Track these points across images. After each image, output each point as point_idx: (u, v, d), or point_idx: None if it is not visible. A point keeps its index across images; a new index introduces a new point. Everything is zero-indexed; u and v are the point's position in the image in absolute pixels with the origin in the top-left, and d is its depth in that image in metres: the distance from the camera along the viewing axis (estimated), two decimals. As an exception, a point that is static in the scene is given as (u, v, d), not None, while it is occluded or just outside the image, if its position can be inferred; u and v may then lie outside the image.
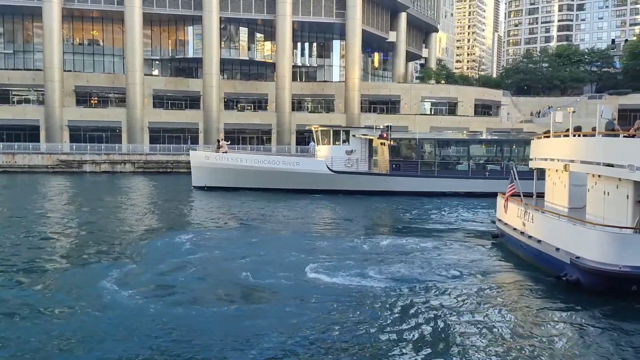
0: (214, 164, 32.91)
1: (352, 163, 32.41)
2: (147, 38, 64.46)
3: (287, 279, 12.62)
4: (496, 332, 9.71)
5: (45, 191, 34.55)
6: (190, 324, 9.66)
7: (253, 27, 66.87)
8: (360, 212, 25.78)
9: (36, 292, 11.58)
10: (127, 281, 12.24)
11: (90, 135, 57.70)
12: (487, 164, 34.16)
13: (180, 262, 14.13)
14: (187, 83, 63.98)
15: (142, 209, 26.36)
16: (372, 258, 15.10)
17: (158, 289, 11.93)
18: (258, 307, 10.77)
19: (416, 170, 32.37)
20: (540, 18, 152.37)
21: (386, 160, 32.73)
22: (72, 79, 60.77)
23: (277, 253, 15.51)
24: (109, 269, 13.15)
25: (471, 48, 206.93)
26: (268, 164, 32.72)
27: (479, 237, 19.26)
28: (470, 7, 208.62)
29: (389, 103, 69.18)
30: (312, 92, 68.64)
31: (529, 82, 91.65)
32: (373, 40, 73.74)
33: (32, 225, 20.32)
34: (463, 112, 69.74)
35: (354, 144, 32.98)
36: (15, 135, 56.51)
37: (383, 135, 32.77)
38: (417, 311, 10.65)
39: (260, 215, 23.76)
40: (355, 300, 11.23)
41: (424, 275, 13.33)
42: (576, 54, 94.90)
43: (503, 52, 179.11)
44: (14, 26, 63.40)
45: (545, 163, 16.87)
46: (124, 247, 16.35)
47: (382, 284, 12.41)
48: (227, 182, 32.52)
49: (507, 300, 11.85)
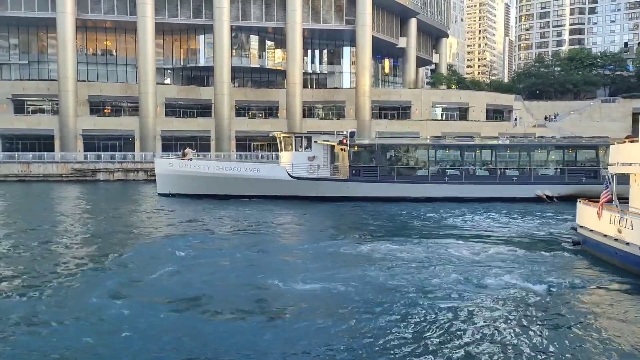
0: (177, 171, 33.16)
1: (314, 169, 32.38)
2: (159, 47, 65.19)
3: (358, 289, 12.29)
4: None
5: (57, 199, 34.98)
6: (185, 331, 9.65)
7: (264, 35, 67.32)
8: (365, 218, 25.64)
9: (34, 301, 11.48)
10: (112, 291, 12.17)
11: (103, 144, 58.38)
12: (447, 169, 34.13)
13: (165, 271, 13.99)
14: (198, 91, 64.52)
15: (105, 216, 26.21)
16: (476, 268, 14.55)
17: (148, 295, 11.92)
18: (272, 319, 10.62)
19: (376, 175, 32.37)
20: (551, 22, 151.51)
21: (346, 166, 32.82)
22: (85, 88, 61.57)
23: (286, 259, 15.54)
24: (91, 282, 13.04)
25: (482, 53, 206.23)
26: (230, 171, 32.86)
27: (552, 244, 18.69)
28: (481, 11, 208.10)
29: (400, 109, 69.09)
30: (322, 99, 68.84)
31: (541, 87, 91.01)
32: (383, 46, 73.84)
33: (39, 233, 20.34)
34: (474, 117, 69.42)
35: (316, 150, 32.89)
36: (31, 145, 57.33)
37: (343, 141, 32.88)
38: (538, 325, 10.24)
39: (225, 223, 23.60)
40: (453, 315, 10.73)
41: (521, 284, 12.76)
42: (589, 57, 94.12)
43: (514, 57, 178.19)
44: (28, 37, 64.48)
45: (630, 168, 16.32)
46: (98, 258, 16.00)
47: (490, 294, 12.04)
48: (191, 189, 32.75)
49: (618, 310, 11.31)
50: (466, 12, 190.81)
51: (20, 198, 36.79)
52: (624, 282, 13.41)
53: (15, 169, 52.06)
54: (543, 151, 36.03)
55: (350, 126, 63.98)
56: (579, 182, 31.88)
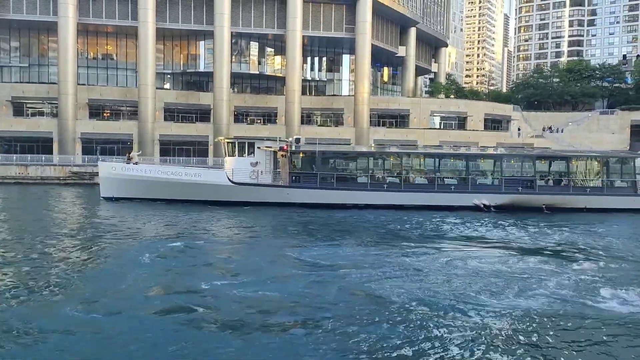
0: (120, 175, 33.02)
1: (256, 175, 32.39)
2: (160, 52, 65.46)
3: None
4: None
5: (53, 202, 34.95)
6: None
7: (263, 42, 67.67)
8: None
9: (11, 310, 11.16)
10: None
11: (102, 148, 58.42)
12: (388, 176, 34.27)
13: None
14: (197, 96, 64.74)
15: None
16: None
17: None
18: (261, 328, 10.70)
19: (315, 182, 32.44)
20: (550, 33, 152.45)
21: (286, 172, 32.98)
22: (85, 92, 61.76)
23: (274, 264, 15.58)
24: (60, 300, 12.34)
25: (481, 63, 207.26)
26: (171, 175, 32.66)
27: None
28: (480, 22, 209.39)
29: (398, 117, 69.34)
30: (321, 106, 69.09)
31: (539, 97, 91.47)
32: (382, 54, 74.23)
33: (28, 237, 20.07)
34: (473, 126, 69.70)
35: (259, 156, 32.92)
36: (29, 147, 57.45)
37: (283, 147, 33.09)
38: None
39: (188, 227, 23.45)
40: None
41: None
42: (587, 69, 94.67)
43: (513, 67, 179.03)
44: (29, 40, 64.70)
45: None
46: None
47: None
48: (134, 193, 32.62)
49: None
50: (465, 22, 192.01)
51: (17, 201, 36.78)
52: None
53: (13, 171, 52.06)
54: (483, 161, 36.51)
55: (348, 134, 64.42)
56: (516, 192, 32.25)
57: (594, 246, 19.97)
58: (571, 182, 33.26)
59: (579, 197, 32.29)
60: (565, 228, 24.76)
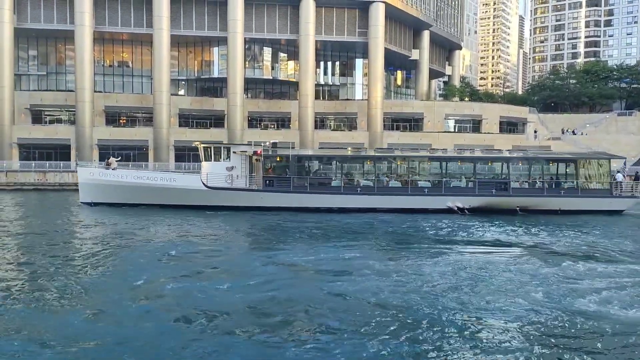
0: (98, 180, 33.13)
1: (232, 179, 32.38)
2: (174, 59, 66.14)
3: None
4: None
5: (38, 208, 35.28)
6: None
7: (277, 47, 67.98)
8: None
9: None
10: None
11: (118, 154, 59.05)
12: (361, 180, 34.13)
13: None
14: (212, 102, 65.24)
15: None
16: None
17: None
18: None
19: (289, 186, 32.42)
20: (566, 34, 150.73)
21: (260, 177, 33.04)
22: (102, 99, 62.64)
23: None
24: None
25: (496, 65, 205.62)
26: (147, 180, 32.85)
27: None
28: (495, 24, 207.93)
29: (412, 121, 69.07)
30: (334, 111, 69.11)
31: (555, 99, 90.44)
32: (396, 58, 74.06)
33: (34, 243, 20.14)
34: (488, 129, 69.09)
35: (235, 161, 32.87)
36: (47, 154, 58.37)
37: (257, 152, 33.11)
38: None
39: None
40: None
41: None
42: (604, 70, 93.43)
43: (529, 69, 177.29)
44: (47, 49, 65.85)
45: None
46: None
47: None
48: (111, 198, 32.79)
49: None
50: (480, 25, 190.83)
51: (34, 207, 37.36)
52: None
53: (32, 177, 52.97)
54: (460, 163, 36.24)
55: (362, 138, 64.31)
56: (490, 194, 32.04)
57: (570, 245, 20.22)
58: (545, 184, 33.12)
59: (553, 199, 32.14)
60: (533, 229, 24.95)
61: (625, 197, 32.91)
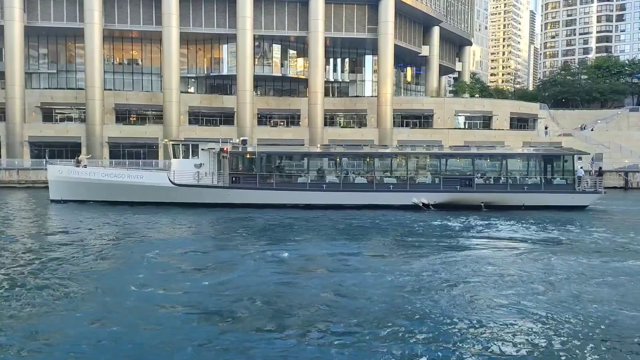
0: (67, 177, 33.37)
1: (200, 176, 32.55)
2: (184, 57, 66.19)
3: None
4: None
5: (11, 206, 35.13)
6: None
7: (286, 44, 67.80)
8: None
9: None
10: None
11: (128, 151, 59.41)
12: (326, 176, 34.18)
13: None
14: (221, 100, 65.23)
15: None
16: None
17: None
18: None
19: (254, 183, 32.60)
20: (577, 29, 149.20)
21: (226, 174, 33.17)
22: (112, 97, 62.82)
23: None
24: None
25: (506, 61, 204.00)
26: (115, 178, 33.04)
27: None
28: (505, 19, 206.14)
29: (422, 117, 68.66)
30: (344, 107, 68.87)
31: (567, 95, 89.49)
32: (405, 54, 73.63)
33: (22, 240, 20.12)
34: (498, 125, 68.55)
35: (203, 158, 33.04)
36: (58, 152, 58.64)
37: (224, 149, 33.28)
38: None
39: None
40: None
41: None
42: (616, 65, 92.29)
43: (540, 65, 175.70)
44: (57, 47, 66.14)
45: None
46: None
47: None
48: (80, 195, 32.99)
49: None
50: (490, 20, 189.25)
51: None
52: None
53: (43, 175, 53.13)
54: (427, 158, 36.44)
55: (371, 135, 64.04)
56: (454, 190, 32.31)
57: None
58: (509, 180, 33.32)
59: (517, 194, 32.44)
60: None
61: (588, 192, 33.22)
